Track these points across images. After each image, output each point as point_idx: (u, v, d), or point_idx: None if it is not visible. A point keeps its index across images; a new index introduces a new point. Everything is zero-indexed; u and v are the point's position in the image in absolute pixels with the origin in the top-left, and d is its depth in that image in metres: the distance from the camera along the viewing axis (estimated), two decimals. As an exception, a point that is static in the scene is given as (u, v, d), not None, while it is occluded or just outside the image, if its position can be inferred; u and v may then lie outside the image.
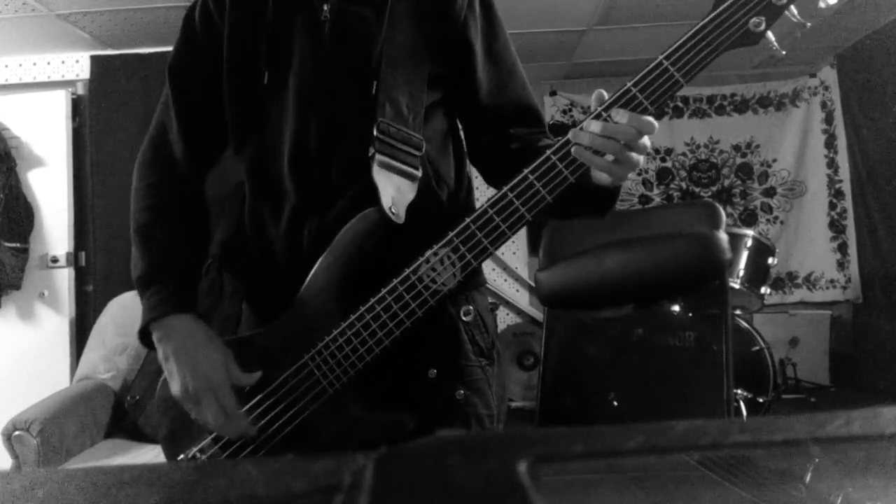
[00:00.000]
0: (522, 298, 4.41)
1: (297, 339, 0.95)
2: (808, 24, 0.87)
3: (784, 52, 0.89)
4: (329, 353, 0.94)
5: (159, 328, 0.97)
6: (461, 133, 1.14)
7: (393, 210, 0.93)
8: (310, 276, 0.96)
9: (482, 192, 1.20)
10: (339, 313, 0.94)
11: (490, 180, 1.14)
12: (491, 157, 1.11)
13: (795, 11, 0.85)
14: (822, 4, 0.85)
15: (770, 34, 0.86)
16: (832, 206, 4.39)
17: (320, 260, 0.95)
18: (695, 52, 0.85)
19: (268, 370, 0.96)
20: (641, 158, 0.89)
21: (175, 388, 0.95)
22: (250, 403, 0.96)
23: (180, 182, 1.07)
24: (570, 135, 0.88)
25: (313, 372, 0.94)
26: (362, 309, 0.92)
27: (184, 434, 1.00)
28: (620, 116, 0.86)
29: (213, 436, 0.98)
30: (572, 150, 0.88)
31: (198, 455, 0.98)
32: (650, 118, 0.86)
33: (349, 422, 0.96)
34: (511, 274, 4.43)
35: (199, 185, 1.10)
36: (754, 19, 0.84)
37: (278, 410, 0.95)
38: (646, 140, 0.87)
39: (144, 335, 0.99)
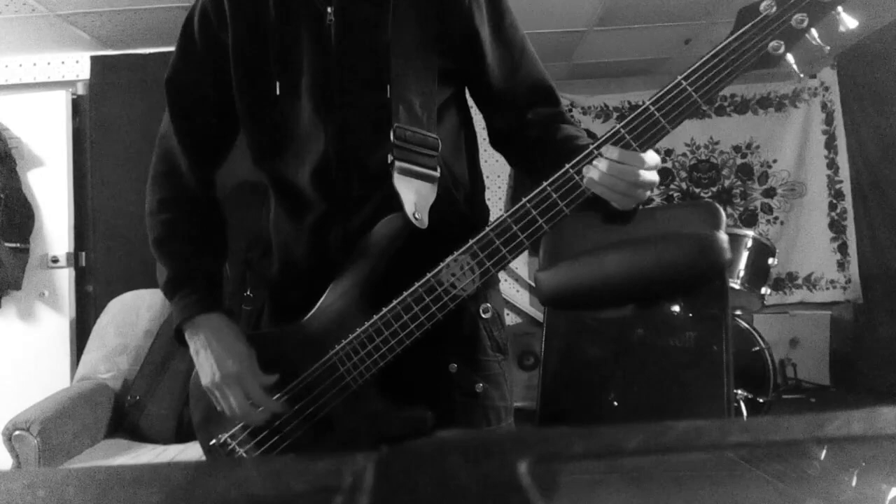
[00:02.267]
0: (522, 298, 4.41)
1: (323, 336, 0.99)
2: (828, 48, 0.87)
3: (803, 76, 0.90)
4: (353, 349, 0.97)
5: (190, 327, 1.04)
6: (473, 125, 1.15)
7: (416, 215, 0.96)
8: (335, 279, 1.00)
9: (492, 192, 1.22)
10: (363, 314, 0.98)
11: (513, 164, 1.17)
12: (511, 144, 1.13)
13: (816, 35, 0.86)
14: (842, 28, 0.85)
15: (790, 57, 0.87)
16: (832, 206, 4.39)
17: (347, 265, 0.99)
18: (714, 74, 0.87)
19: (293, 364, 1.00)
20: (646, 193, 0.92)
21: (205, 379, 1.01)
22: (275, 396, 1.00)
23: (189, 194, 1.10)
24: (584, 171, 0.90)
25: (337, 367, 0.98)
26: (385, 310, 0.96)
27: (216, 421, 1.04)
28: (611, 153, 0.88)
29: (242, 423, 1.02)
30: (584, 181, 0.90)
31: (228, 441, 1.03)
32: (641, 154, 0.88)
33: (372, 417, 0.99)
34: (511, 274, 4.43)
35: (208, 193, 1.13)
36: (773, 43, 0.86)
37: (303, 403, 0.99)
38: (649, 176, 0.90)
39: (179, 336, 1.06)
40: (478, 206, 1.12)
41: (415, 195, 0.97)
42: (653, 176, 0.91)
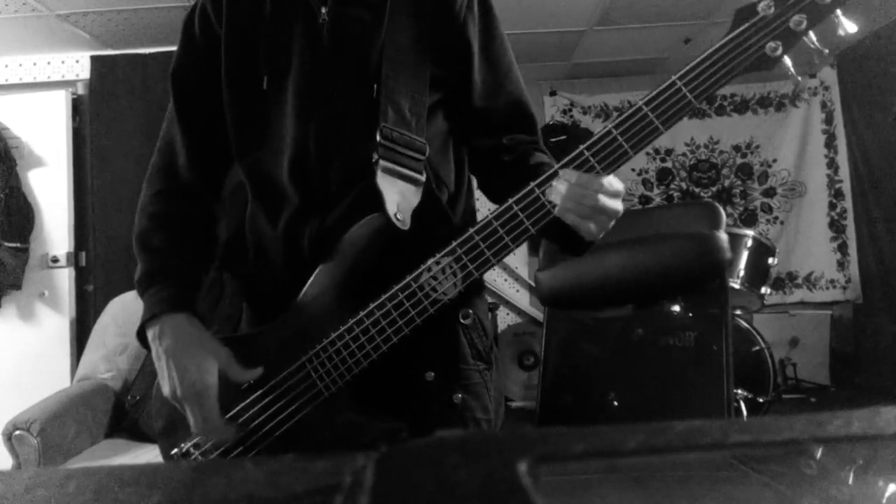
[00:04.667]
0: (522, 298, 4.41)
1: (297, 340, 0.95)
2: (827, 51, 0.85)
3: (800, 79, 0.88)
4: (327, 356, 0.93)
5: (154, 327, 0.97)
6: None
7: (398, 216, 0.93)
8: (311, 278, 0.96)
9: (484, 200, 1.20)
10: (339, 317, 0.94)
11: (486, 191, 1.12)
12: (485, 167, 1.10)
13: (814, 38, 0.84)
14: (840, 32, 0.83)
15: (787, 59, 0.85)
16: (832, 206, 4.39)
17: (322, 263, 0.95)
18: (709, 74, 0.84)
19: (266, 369, 0.96)
20: (610, 223, 0.89)
21: (165, 390, 0.95)
22: (246, 401, 0.96)
23: (183, 190, 1.07)
24: (546, 193, 0.88)
25: (310, 374, 0.94)
26: (362, 314, 0.92)
27: (179, 429, 0.99)
28: (568, 176, 0.86)
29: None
30: (556, 209, 0.88)
31: (191, 450, 0.99)
32: (600, 179, 0.85)
33: (343, 426, 0.95)
34: (511, 274, 4.44)
35: (203, 193, 1.10)
36: (771, 44, 0.83)
37: (273, 410, 0.95)
38: (610, 203, 0.86)
39: (141, 336, 1.00)
40: (463, 209, 1.09)
41: (398, 196, 0.94)
42: (615, 204, 0.88)
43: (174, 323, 0.96)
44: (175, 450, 1.00)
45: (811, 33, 0.84)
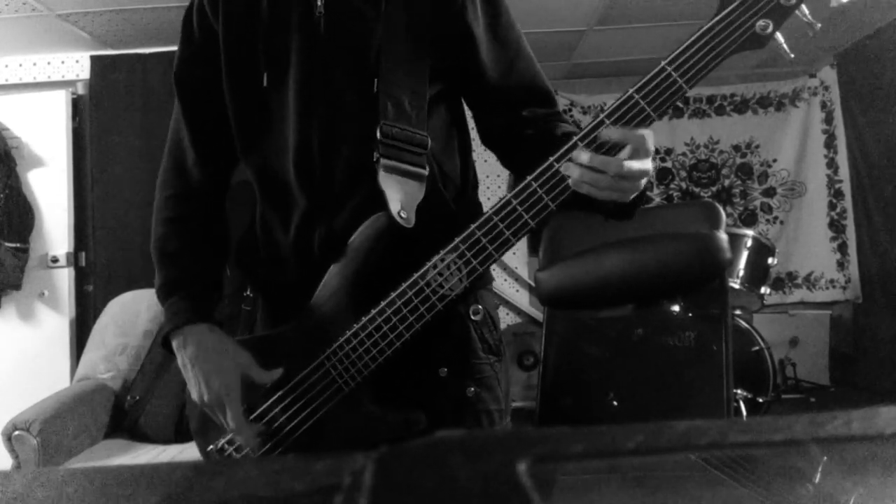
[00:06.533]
0: (522, 298, 4.41)
1: (313, 339, 0.98)
2: (819, 25, 0.83)
3: (793, 56, 0.84)
4: (344, 353, 0.96)
5: (177, 337, 1.02)
6: (465, 123, 1.13)
7: (402, 214, 0.94)
8: (323, 280, 0.98)
9: (486, 187, 1.20)
10: (352, 315, 0.96)
11: (507, 164, 1.13)
12: (505, 142, 1.10)
13: (806, 11, 0.82)
14: (833, 3, 0.82)
15: (779, 36, 0.83)
16: (832, 206, 4.39)
17: (333, 265, 0.98)
18: (699, 58, 0.83)
19: (286, 369, 0.99)
20: (639, 184, 0.87)
21: (194, 395, 1.01)
22: (269, 401, 0.99)
23: (194, 192, 1.09)
24: (562, 168, 0.87)
25: (329, 371, 0.97)
26: (374, 312, 0.94)
27: (212, 427, 1.04)
28: (582, 156, 0.84)
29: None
30: (569, 181, 0.87)
31: (226, 446, 1.03)
32: (620, 155, 0.84)
33: (364, 420, 0.98)
34: (511, 274, 4.43)
35: (214, 192, 1.12)
36: (761, 22, 0.82)
37: (297, 408, 0.98)
38: (637, 165, 0.84)
39: (166, 343, 1.05)
40: (469, 203, 1.10)
41: (401, 193, 0.95)
42: (642, 165, 0.85)
43: (195, 333, 1.01)
44: (210, 447, 1.04)
45: (803, 6, 0.81)
